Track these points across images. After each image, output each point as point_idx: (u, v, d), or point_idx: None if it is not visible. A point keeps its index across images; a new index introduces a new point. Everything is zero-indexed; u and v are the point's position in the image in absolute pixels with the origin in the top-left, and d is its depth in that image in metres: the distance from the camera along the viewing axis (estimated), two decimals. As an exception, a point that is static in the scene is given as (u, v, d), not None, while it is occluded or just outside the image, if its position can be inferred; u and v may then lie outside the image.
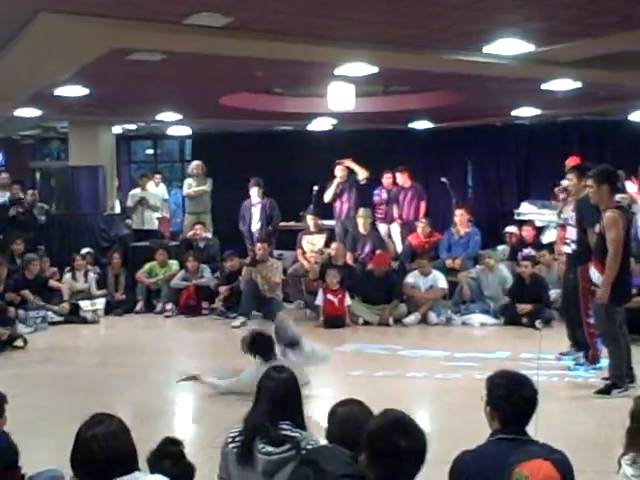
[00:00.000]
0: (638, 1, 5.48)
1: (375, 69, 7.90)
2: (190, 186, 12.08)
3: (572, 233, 6.88)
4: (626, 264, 5.96)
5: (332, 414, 3.06)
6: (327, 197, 11.22)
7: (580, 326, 6.72)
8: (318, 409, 4.61)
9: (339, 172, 11.11)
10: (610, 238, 5.77)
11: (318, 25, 6.18)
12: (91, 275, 10.33)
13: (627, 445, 3.17)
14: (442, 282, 9.45)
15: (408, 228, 11.37)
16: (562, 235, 9.03)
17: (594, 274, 5.99)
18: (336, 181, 11.07)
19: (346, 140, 14.13)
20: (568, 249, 7.02)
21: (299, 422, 3.31)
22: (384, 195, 11.91)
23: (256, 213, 11.12)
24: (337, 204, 11.23)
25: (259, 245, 9.90)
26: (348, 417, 2.97)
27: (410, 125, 13.64)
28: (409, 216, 11.58)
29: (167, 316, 9.97)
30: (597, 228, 6.00)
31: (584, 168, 7.03)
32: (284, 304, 9.88)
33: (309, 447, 3.11)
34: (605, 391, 5.87)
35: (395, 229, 11.78)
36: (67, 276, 10.16)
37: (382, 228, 11.66)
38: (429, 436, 2.59)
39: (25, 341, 8.17)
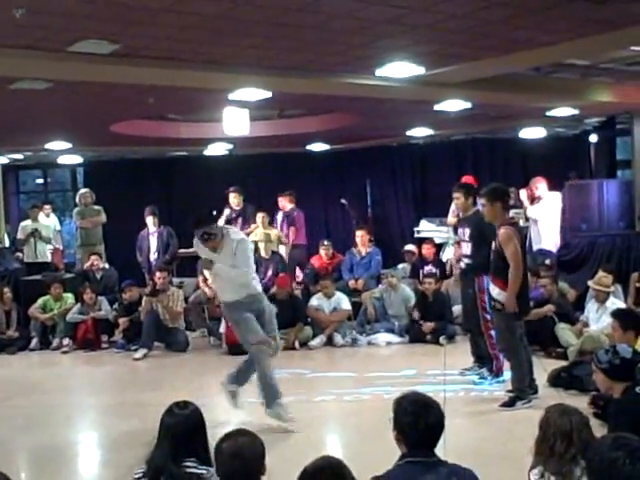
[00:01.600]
0: (515, 26, 5.68)
1: (269, 94, 7.89)
2: (82, 215, 11.67)
3: (466, 248, 7.04)
4: (524, 278, 6.13)
5: (218, 450, 2.86)
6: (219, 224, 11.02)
7: (482, 339, 6.87)
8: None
9: (234, 200, 10.95)
10: (509, 254, 5.93)
11: (209, 51, 6.12)
12: (-20, 313, 9.84)
13: (535, 455, 3.23)
14: (345, 303, 9.48)
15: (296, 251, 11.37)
16: (458, 252, 9.27)
17: (493, 289, 6.12)
18: (226, 212, 10.89)
19: (244, 164, 14.11)
20: (462, 264, 7.20)
21: (204, 458, 3.21)
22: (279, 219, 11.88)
23: (153, 242, 10.90)
24: None
25: (159, 274, 9.67)
26: (236, 451, 2.79)
27: (307, 147, 13.73)
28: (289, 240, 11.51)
29: (64, 352, 9.58)
30: (493, 245, 6.16)
31: (469, 187, 7.32)
32: (187, 333, 9.68)
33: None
34: (509, 404, 6.00)
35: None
36: (-46, 315, 9.65)
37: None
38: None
39: None
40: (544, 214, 10.72)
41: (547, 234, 10.70)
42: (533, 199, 10.92)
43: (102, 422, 6.43)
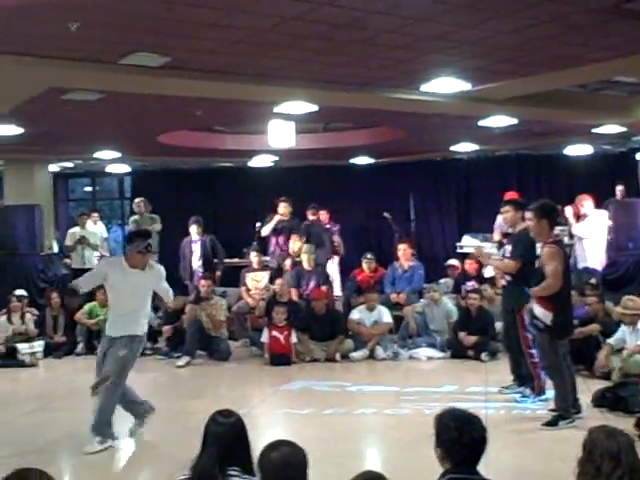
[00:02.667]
0: (564, 43, 5.66)
1: (315, 107, 7.96)
2: (137, 223, 11.85)
3: None
4: (567, 297, 6.08)
5: (264, 459, 2.87)
6: (265, 231, 11.16)
7: (523, 357, 6.81)
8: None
9: (282, 209, 11.05)
10: (548, 271, 5.87)
11: (257, 65, 6.21)
12: (28, 317, 10.04)
13: (578, 476, 3.18)
14: (387, 317, 9.46)
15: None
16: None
17: (536, 308, 6.06)
18: (277, 218, 11.00)
19: (288, 176, 14.20)
20: (503, 282, 7.15)
21: (247, 467, 3.22)
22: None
23: (196, 250, 11.01)
24: (273, 240, 11.18)
25: (203, 282, 9.78)
26: (284, 461, 2.82)
27: (351, 161, 13.77)
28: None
29: (109, 358, 9.72)
30: (537, 263, 6.11)
31: (519, 202, 7.24)
32: (229, 342, 9.76)
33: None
34: (552, 423, 5.93)
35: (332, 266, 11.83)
36: (2, 319, 9.86)
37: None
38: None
39: (-41, 388, 7.89)
40: (590, 232, 10.58)
41: (593, 252, 10.55)
42: (579, 216, 10.79)
43: (145, 428, 6.50)
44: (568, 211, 10.82)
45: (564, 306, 5.98)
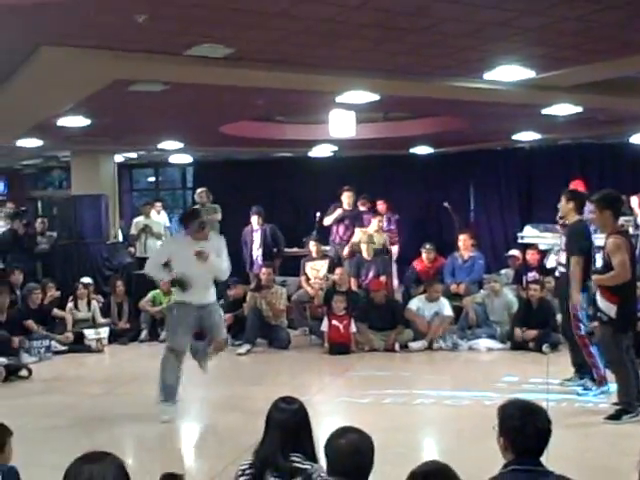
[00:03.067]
0: (631, 28, 5.53)
1: (376, 96, 7.94)
2: None
3: (562, 257, 6.88)
4: (632, 290, 5.96)
5: (332, 446, 2.92)
6: (327, 221, 11.19)
7: (578, 347, 6.72)
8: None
9: (346, 199, 11.08)
10: (616, 263, 5.78)
11: (319, 55, 6.22)
12: (94, 304, 10.31)
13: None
14: (447, 309, 9.37)
15: None
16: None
17: (601, 301, 5.95)
18: (339, 211, 11.03)
19: (347, 166, 14.20)
20: (557, 273, 7.04)
21: (310, 454, 3.27)
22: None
23: (257, 239, 11.14)
24: (334, 229, 11.21)
25: (264, 270, 9.88)
26: (353, 448, 2.87)
27: (411, 150, 13.69)
28: None
29: (171, 345, 9.91)
30: (601, 254, 6.01)
31: (573, 192, 7.13)
32: (289, 331, 9.85)
33: (320, 480, 3.07)
34: (616, 416, 5.83)
35: None
36: (70, 305, 10.14)
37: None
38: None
39: (30, 371, 8.14)
40: (656, 222, 10.32)
41: (659, 243, 10.30)
42: (645, 207, 10.53)
43: (207, 414, 6.63)
44: (634, 201, 10.58)
45: (628, 298, 5.87)
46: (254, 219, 11.12)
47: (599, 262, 6.73)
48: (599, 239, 6.96)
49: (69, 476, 2.39)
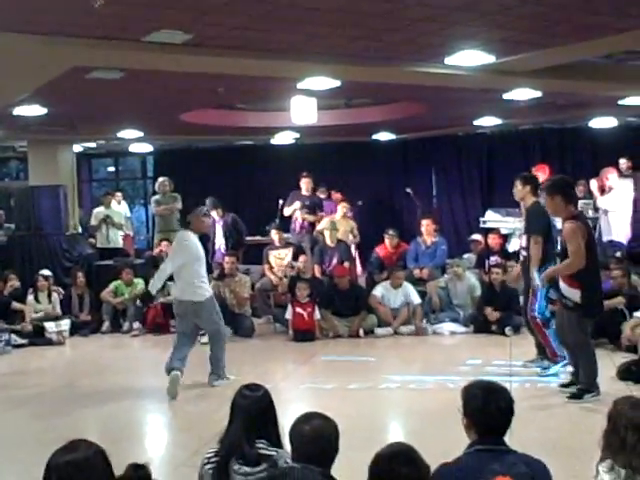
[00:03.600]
0: (590, 12, 5.57)
1: (337, 82, 7.92)
2: (158, 203, 11.89)
3: (523, 240, 6.96)
4: (595, 273, 5.98)
5: (296, 432, 2.92)
6: (287, 211, 11.27)
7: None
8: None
9: (304, 185, 11.13)
10: (571, 250, 5.77)
11: (279, 40, 6.18)
12: (55, 296, 10.16)
13: (603, 448, 3.18)
14: (415, 297, 9.36)
15: None
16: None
17: (563, 286, 5.95)
18: (298, 203, 11.12)
19: (310, 153, 14.19)
20: (521, 257, 7.12)
21: (275, 440, 3.26)
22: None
23: (219, 230, 11.07)
24: (294, 218, 11.26)
25: (227, 259, 9.83)
26: (317, 433, 2.86)
27: (373, 137, 13.71)
28: None
29: (134, 335, 9.84)
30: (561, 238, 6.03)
31: (527, 176, 7.25)
32: (252, 319, 9.82)
33: (285, 466, 3.06)
34: (577, 396, 5.92)
35: None
36: (30, 297, 9.98)
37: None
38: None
39: (-11, 366, 8.02)
40: (615, 205, 10.50)
41: (618, 225, 10.49)
42: (603, 190, 10.70)
43: (170, 404, 6.57)
44: (593, 184, 10.74)
45: (592, 283, 5.88)
46: (213, 213, 11.02)
47: (559, 246, 6.80)
48: (559, 222, 7.05)
49: (53, 469, 2.39)
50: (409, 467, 2.48)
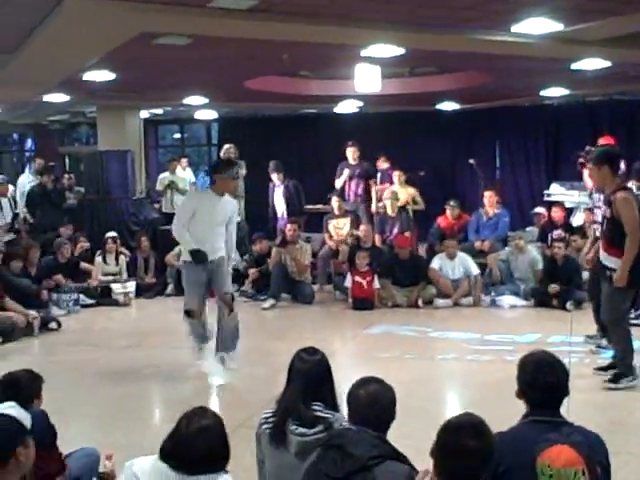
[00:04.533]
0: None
1: (402, 50, 7.85)
2: None
3: (599, 216, 6.78)
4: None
5: (353, 396, 2.95)
6: (338, 183, 11.24)
7: None
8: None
9: (350, 154, 11.09)
10: (626, 218, 5.49)
11: (344, 7, 6.15)
12: (122, 258, 10.42)
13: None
14: (474, 268, 9.29)
15: None
16: (590, 218, 8.93)
17: (608, 258, 5.70)
18: (346, 172, 11.10)
19: (373, 122, 14.12)
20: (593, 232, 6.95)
21: (331, 403, 3.32)
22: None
23: (278, 195, 11.12)
24: (346, 187, 11.27)
25: (289, 226, 9.90)
26: (372, 398, 2.89)
27: (437, 106, 13.56)
28: None
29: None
30: (605, 211, 5.81)
31: (602, 153, 6.89)
32: (313, 287, 9.90)
33: (341, 427, 3.11)
34: (614, 380, 5.69)
35: None
36: (98, 259, 10.27)
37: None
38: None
39: (59, 324, 8.31)
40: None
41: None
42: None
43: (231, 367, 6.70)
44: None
45: (638, 253, 5.55)
46: (274, 176, 11.09)
47: (598, 217, 6.56)
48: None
49: (184, 431, 2.70)
50: (476, 440, 2.44)
